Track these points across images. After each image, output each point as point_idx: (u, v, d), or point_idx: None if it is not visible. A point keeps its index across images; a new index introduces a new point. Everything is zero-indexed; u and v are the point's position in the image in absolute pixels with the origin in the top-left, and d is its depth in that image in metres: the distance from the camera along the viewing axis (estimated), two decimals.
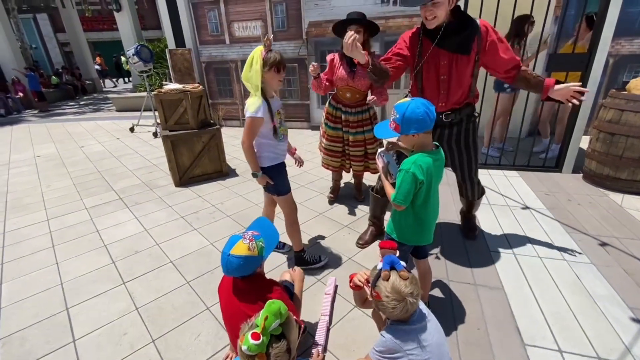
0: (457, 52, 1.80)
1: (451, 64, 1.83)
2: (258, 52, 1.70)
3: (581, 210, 2.71)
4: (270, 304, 0.93)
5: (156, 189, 3.58)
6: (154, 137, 5.85)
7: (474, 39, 1.78)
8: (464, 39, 1.78)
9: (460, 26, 1.77)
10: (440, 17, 1.71)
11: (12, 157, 5.13)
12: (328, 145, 2.82)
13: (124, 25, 10.18)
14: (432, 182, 1.41)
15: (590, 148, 3.14)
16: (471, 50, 1.80)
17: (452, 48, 1.80)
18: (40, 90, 10.00)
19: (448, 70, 1.85)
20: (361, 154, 2.77)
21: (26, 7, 14.29)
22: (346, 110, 2.65)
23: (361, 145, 2.72)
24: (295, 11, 5.40)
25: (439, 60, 1.84)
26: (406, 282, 1.07)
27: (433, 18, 1.71)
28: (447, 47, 1.80)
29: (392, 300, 1.06)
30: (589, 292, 1.85)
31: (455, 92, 1.90)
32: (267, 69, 1.71)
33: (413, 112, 1.30)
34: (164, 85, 3.83)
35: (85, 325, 1.78)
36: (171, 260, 2.33)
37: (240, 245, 1.20)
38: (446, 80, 1.88)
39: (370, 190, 2.40)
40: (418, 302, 1.11)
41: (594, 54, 2.97)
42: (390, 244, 1.26)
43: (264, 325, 0.90)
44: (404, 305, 1.06)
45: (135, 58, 5.58)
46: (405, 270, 1.11)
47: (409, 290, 1.06)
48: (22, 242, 2.64)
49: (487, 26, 1.80)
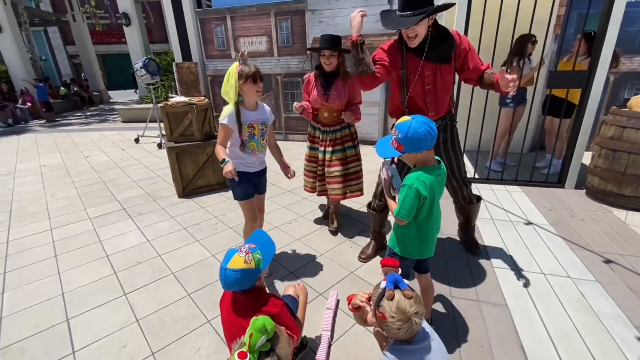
0: (440, 62, 1.88)
1: (435, 73, 1.90)
2: (234, 67, 1.83)
3: (585, 227, 2.69)
4: (254, 320, 0.93)
5: (159, 200, 3.60)
6: (159, 148, 5.92)
7: (453, 48, 1.87)
8: (445, 49, 1.86)
9: (440, 38, 1.85)
10: (422, 35, 1.79)
11: (18, 166, 5.20)
12: (306, 165, 2.80)
13: (132, 39, 10.43)
14: (435, 196, 1.42)
15: (593, 164, 3.15)
16: (451, 58, 1.89)
17: (435, 59, 1.87)
18: (49, 100, 10.18)
19: (433, 80, 1.91)
20: (340, 174, 2.58)
21: (38, 21, 14.69)
22: (325, 130, 2.60)
23: (341, 164, 2.58)
24: (300, 27, 5.54)
25: (424, 71, 1.90)
26: (411, 301, 1.05)
27: (415, 36, 1.77)
28: (430, 58, 1.87)
29: (397, 321, 1.03)
30: (594, 310, 1.82)
31: (443, 100, 1.97)
32: (243, 82, 1.84)
33: (415, 132, 1.30)
34: (171, 98, 3.90)
35: (85, 337, 1.77)
36: (172, 271, 2.32)
37: (236, 258, 1.20)
38: (432, 90, 1.93)
39: (367, 207, 2.41)
40: (422, 322, 1.10)
41: (594, 71, 3.01)
42: (392, 261, 1.24)
43: (249, 343, 0.89)
44: (410, 326, 1.04)
45: (142, 71, 5.71)
46: (409, 289, 1.09)
47: (414, 310, 1.04)
48: (25, 251, 2.65)
49: (459, 35, 1.90)
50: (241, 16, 5.83)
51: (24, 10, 11.52)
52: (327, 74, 2.44)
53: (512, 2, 2.99)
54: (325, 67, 2.41)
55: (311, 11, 5.36)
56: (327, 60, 2.36)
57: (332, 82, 2.44)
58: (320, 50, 2.36)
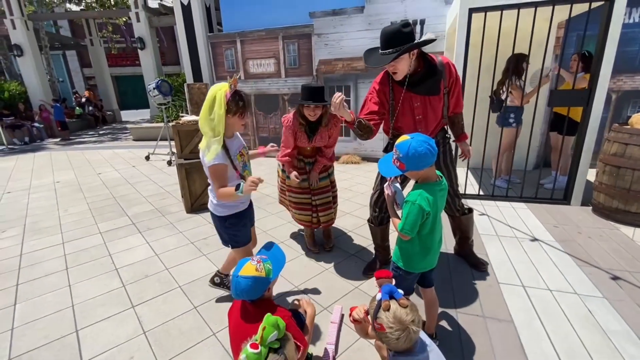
0: (429, 95, 1.94)
1: (425, 104, 1.96)
2: (221, 93, 1.53)
3: (591, 244, 2.67)
4: (268, 316, 0.97)
5: (168, 215, 3.68)
6: (168, 165, 6.06)
7: (442, 77, 1.93)
8: (433, 82, 1.91)
9: (428, 72, 1.89)
10: (404, 71, 1.83)
11: (33, 182, 5.36)
12: (296, 198, 2.64)
13: (146, 61, 10.89)
14: (438, 210, 1.45)
15: (598, 181, 3.15)
16: (440, 90, 1.95)
17: (423, 92, 1.94)
18: (64, 120, 10.57)
19: (423, 111, 1.98)
20: (328, 201, 2.65)
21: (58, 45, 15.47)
22: (308, 161, 2.61)
23: (327, 191, 2.65)
24: (307, 50, 5.76)
25: (412, 102, 1.97)
26: (407, 309, 1.08)
27: (395, 73, 1.86)
28: (418, 91, 1.93)
29: (395, 331, 1.05)
30: (602, 327, 1.80)
31: (432, 124, 2.05)
32: (233, 114, 1.59)
33: (416, 151, 1.34)
34: (182, 117, 4.05)
35: (93, 348, 1.80)
36: (179, 285, 2.36)
37: (248, 266, 1.25)
38: (422, 120, 2.01)
39: (367, 221, 2.43)
40: (420, 330, 1.12)
41: (594, 90, 3.07)
42: (385, 273, 1.27)
43: (262, 336, 0.92)
44: (408, 334, 1.06)
45: (155, 92, 5.94)
46: (404, 298, 1.12)
47: (410, 318, 1.06)
48: (37, 264, 2.72)
49: (450, 64, 1.95)
50: (250, 40, 6.10)
51: (45, 35, 12.18)
52: (311, 123, 2.43)
53: (511, 24, 3.11)
54: (309, 117, 2.36)
55: (317, 35, 5.59)
56: (312, 112, 2.32)
57: (316, 130, 2.45)
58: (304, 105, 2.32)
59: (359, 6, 5.22)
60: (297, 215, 2.72)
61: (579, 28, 4.17)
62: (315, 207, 2.64)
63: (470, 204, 3.51)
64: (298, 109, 2.40)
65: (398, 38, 1.73)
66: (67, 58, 20.35)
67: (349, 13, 5.31)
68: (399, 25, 1.73)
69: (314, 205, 2.64)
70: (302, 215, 2.68)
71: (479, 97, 3.48)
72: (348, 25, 5.36)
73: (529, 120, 3.61)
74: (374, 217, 2.33)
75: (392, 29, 1.74)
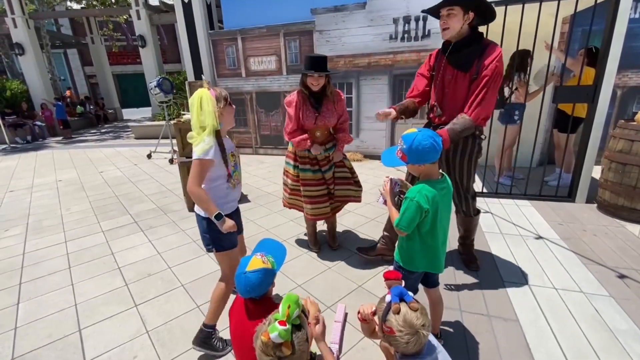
0: (458, 69, 1.90)
1: (455, 79, 1.93)
2: (204, 93, 1.52)
3: (597, 241, 2.65)
4: (289, 295, 1.00)
5: (170, 213, 3.67)
6: (170, 163, 6.05)
7: (475, 60, 1.84)
8: (466, 56, 1.87)
9: (467, 43, 1.86)
10: (454, 29, 1.82)
11: (36, 181, 5.36)
12: (313, 191, 2.52)
13: (147, 59, 10.86)
14: (439, 210, 1.41)
15: (603, 178, 3.12)
16: (470, 68, 1.86)
17: (455, 64, 1.91)
18: (66, 118, 10.57)
19: (451, 84, 1.95)
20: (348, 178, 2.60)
21: (59, 43, 15.45)
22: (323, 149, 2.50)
23: (347, 172, 2.61)
24: (308, 47, 5.71)
25: (445, 74, 1.96)
26: (417, 313, 1.05)
27: (446, 28, 1.84)
28: (452, 63, 1.91)
29: (405, 335, 1.03)
30: (608, 326, 1.78)
31: (451, 106, 1.97)
32: (224, 105, 1.56)
33: (420, 144, 1.33)
34: (183, 115, 4.03)
35: (96, 348, 1.79)
36: (182, 284, 2.35)
37: (254, 261, 1.23)
38: (448, 95, 1.98)
39: None
40: (429, 334, 1.10)
41: (600, 85, 3.03)
42: (395, 274, 1.24)
43: (287, 313, 0.95)
44: (418, 339, 1.03)
45: (156, 89, 5.92)
46: (415, 301, 1.09)
47: (421, 323, 1.03)
48: (40, 263, 2.72)
49: (494, 56, 1.80)
50: (251, 37, 6.06)
51: (46, 34, 12.15)
52: (315, 94, 2.38)
53: (515, 19, 3.07)
54: (312, 87, 2.32)
55: (319, 32, 5.55)
56: (316, 81, 2.29)
57: (321, 102, 2.39)
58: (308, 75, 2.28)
59: (361, 2, 5.17)
60: (314, 210, 2.54)
61: (585, 23, 4.10)
62: (333, 195, 2.61)
63: None
64: (302, 79, 2.38)
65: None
66: (69, 56, 20.36)
67: (351, 9, 5.26)
68: None
69: (332, 195, 2.60)
70: (319, 209, 2.54)
71: None
72: (350, 22, 5.32)
73: (535, 117, 3.58)
74: None
75: None
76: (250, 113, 6.50)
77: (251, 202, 3.94)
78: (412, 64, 5.04)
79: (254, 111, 6.46)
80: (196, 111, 1.53)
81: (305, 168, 2.49)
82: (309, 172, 2.49)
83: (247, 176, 4.98)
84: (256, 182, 4.73)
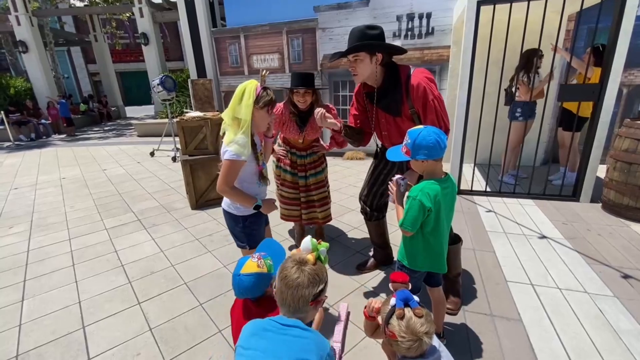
0: (393, 115, 1.82)
1: (389, 122, 1.86)
2: (252, 85, 1.54)
3: (601, 241, 2.63)
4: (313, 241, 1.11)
5: (173, 212, 3.68)
6: (173, 161, 6.07)
7: (404, 100, 1.74)
8: (394, 102, 1.77)
9: (391, 87, 1.76)
10: (363, 74, 1.72)
11: (40, 178, 5.40)
12: (286, 193, 2.59)
13: (150, 57, 10.87)
14: (441, 209, 1.40)
15: (608, 177, 3.10)
16: (401, 112, 1.78)
17: (385, 108, 1.83)
18: (70, 116, 10.62)
19: (387, 128, 1.89)
20: (325, 196, 2.61)
21: (62, 41, 15.49)
22: (301, 155, 2.50)
23: (323, 186, 2.59)
24: (311, 45, 5.70)
25: (379, 117, 1.89)
26: (422, 320, 1.02)
27: (355, 75, 1.75)
28: (383, 109, 1.84)
29: (407, 341, 1.01)
30: (612, 326, 1.77)
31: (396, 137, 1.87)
32: (260, 106, 1.55)
33: (424, 139, 1.33)
34: (186, 113, 4.03)
35: (100, 345, 1.80)
36: (185, 281, 2.36)
37: (249, 264, 1.24)
38: (387, 136, 1.92)
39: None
40: (432, 340, 1.08)
41: (606, 84, 3.00)
42: (402, 276, 1.22)
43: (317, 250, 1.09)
44: (419, 345, 1.02)
45: (159, 87, 5.92)
46: (420, 306, 1.07)
47: (424, 330, 1.01)
48: (44, 260, 2.74)
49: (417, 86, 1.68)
50: (254, 34, 6.05)
51: (49, 32, 12.19)
52: (301, 112, 2.33)
53: (520, 17, 3.04)
54: (299, 105, 2.28)
55: (322, 29, 5.53)
56: (302, 98, 2.24)
57: (307, 121, 2.34)
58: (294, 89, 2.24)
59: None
60: (285, 211, 2.68)
61: (591, 21, 4.06)
62: (306, 203, 2.59)
63: (476, 200, 3.49)
64: (289, 97, 2.34)
65: (361, 39, 1.66)
66: (72, 54, 20.42)
67: (354, 7, 5.23)
68: (364, 26, 1.68)
69: (303, 202, 2.60)
70: (290, 211, 2.66)
71: (487, 92, 3.42)
72: (353, 19, 5.29)
73: (538, 115, 3.55)
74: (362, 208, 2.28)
75: (357, 29, 1.68)
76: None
77: None
78: (415, 62, 5.00)
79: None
80: (236, 100, 1.53)
81: (285, 169, 2.56)
82: (288, 174, 2.55)
83: None
84: None
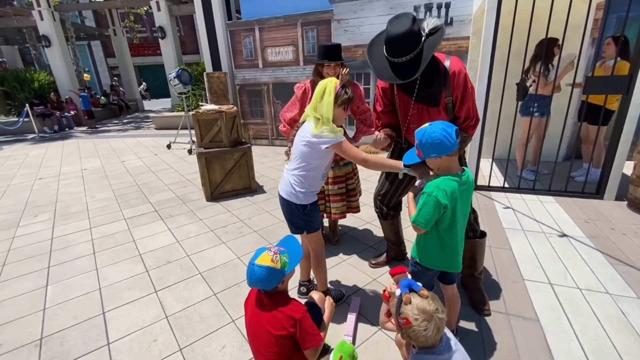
0: (427, 105, 1.73)
1: (421, 114, 1.76)
2: (332, 84, 1.61)
3: (626, 241, 2.52)
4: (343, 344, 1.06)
5: (188, 203, 3.75)
6: (189, 154, 6.17)
7: (442, 90, 1.67)
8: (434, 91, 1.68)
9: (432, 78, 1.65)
10: None
11: (63, 169, 5.60)
12: None
13: (167, 51, 11.00)
14: (458, 206, 1.36)
15: (635, 174, 2.96)
16: (439, 101, 1.70)
17: (424, 100, 1.73)
18: (91, 109, 10.94)
19: (418, 120, 1.77)
20: (343, 192, 2.52)
21: (83, 35, 15.89)
22: None
23: (342, 182, 2.51)
24: (326, 37, 5.63)
25: (407, 108, 1.80)
26: (428, 300, 1.08)
27: None
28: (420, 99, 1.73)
29: (422, 322, 1.04)
30: (635, 329, 1.70)
31: None
32: (338, 105, 1.61)
33: (430, 137, 1.30)
34: (201, 106, 4.08)
35: (119, 330, 1.87)
36: (200, 271, 2.41)
37: (265, 256, 1.25)
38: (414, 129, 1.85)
39: None
40: (445, 320, 1.09)
41: (635, 76, 2.85)
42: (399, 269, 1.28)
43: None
44: (435, 324, 1.04)
45: (176, 81, 6.01)
46: (423, 289, 1.11)
47: (433, 307, 1.06)
48: (67, 248, 2.85)
49: (458, 74, 1.64)
50: (269, 27, 6.02)
51: (71, 26, 12.51)
52: None
53: (545, 5, 2.90)
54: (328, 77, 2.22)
55: (337, 21, 5.45)
56: (332, 70, 2.23)
57: None
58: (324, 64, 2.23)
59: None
60: None
61: (621, 9, 3.85)
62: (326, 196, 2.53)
63: (494, 196, 3.40)
64: (316, 69, 2.31)
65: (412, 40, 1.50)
66: (92, 48, 20.93)
67: None
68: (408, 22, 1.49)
69: (326, 195, 2.53)
70: None
71: (507, 84, 3.31)
72: (369, 10, 5.19)
73: (562, 109, 3.41)
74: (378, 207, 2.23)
75: (404, 31, 1.48)
76: (267, 104, 6.50)
77: (267, 193, 3.98)
78: None
79: (270, 102, 6.46)
80: (318, 97, 1.61)
81: None
82: None
83: (263, 167, 5.01)
84: (272, 174, 4.76)
